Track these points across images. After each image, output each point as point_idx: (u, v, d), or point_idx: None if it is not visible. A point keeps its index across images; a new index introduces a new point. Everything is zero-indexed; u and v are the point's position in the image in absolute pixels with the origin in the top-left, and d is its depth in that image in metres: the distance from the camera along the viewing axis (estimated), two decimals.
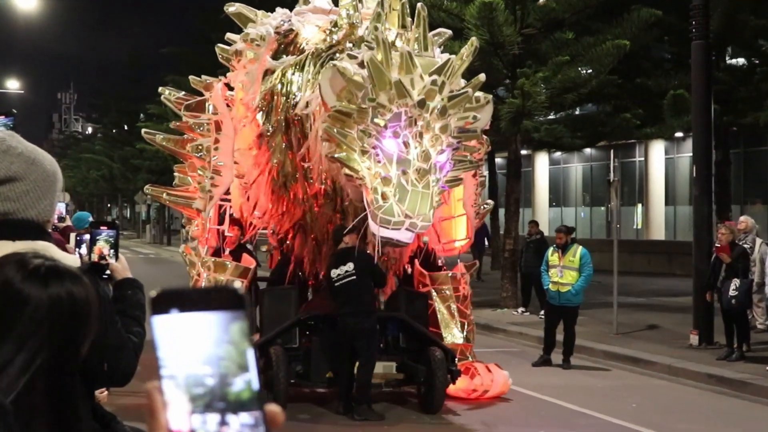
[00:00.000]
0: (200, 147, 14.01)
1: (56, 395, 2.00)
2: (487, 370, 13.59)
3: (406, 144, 11.20)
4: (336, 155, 11.50)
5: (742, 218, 19.00)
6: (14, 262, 2.04)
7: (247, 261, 13.95)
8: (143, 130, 16.87)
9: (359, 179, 11.35)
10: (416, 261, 14.21)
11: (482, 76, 12.38)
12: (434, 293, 13.94)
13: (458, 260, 14.51)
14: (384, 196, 11.07)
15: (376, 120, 11.24)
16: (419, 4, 12.20)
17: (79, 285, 2.07)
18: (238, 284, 1.25)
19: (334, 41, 13.12)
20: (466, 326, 14.01)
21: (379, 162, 11.20)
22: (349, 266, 12.38)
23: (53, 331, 1.98)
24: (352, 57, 11.76)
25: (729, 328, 16.38)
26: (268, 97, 13.56)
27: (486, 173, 27.38)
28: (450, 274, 14.13)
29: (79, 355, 2.04)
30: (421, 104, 11.27)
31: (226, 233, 14.11)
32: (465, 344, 13.92)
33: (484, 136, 13.18)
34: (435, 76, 11.40)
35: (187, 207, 14.75)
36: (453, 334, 13.84)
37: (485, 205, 15.52)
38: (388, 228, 11.02)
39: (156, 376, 1.25)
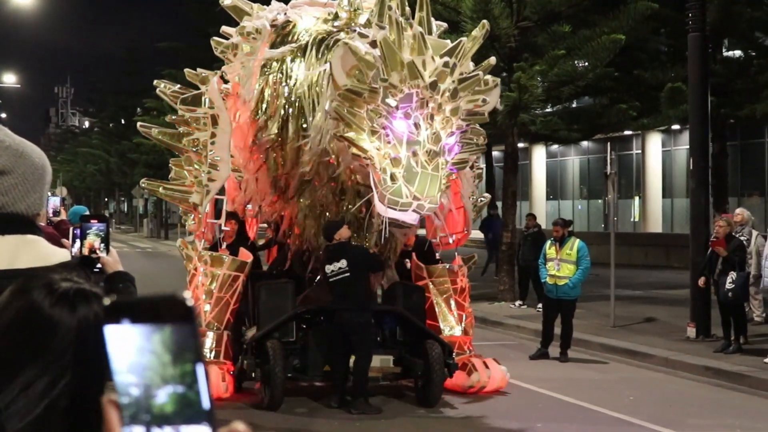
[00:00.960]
0: (196, 141, 13.96)
1: (79, 415, 1.98)
2: (485, 366, 13.58)
3: (416, 125, 11.14)
4: (345, 134, 11.43)
5: (738, 210, 18.99)
6: (42, 287, 2.02)
7: (244, 255, 13.93)
8: (139, 124, 16.83)
9: (367, 159, 11.29)
10: (413, 254, 14.21)
11: (492, 59, 12.45)
12: (431, 286, 13.94)
13: (456, 253, 14.50)
14: (393, 177, 11.01)
15: (387, 100, 11.17)
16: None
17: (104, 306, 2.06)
18: (188, 294, 1.19)
19: (336, 27, 13.05)
20: (464, 319, 14.00)
21: (389, 142, 11.13)
22: (343, 263, 12.40)
23: (79, 354, 1.97)
24: (363, 36, 11.72)
25: (726, 321, 16.37)
26: (266, 87, 13.50)
27: (483, 166, 27.39)
28: (447, 267, 14.13)
29: (104, 377, 2.04)
30: (433, 86, 11.21)
31: (223, 227, 14.09)
32: (463, 337, 13.92)
33: (482, 130, 13.13)
34: (447, 58, 11.36)
35: (184, 201, 14.72)
36: (451, 327, 13.84)
37: (482, 199, 15.49)
38: (395, 209, 10.99)
39: (110, 388, 1.22)
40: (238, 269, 13.49)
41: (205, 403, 1.18)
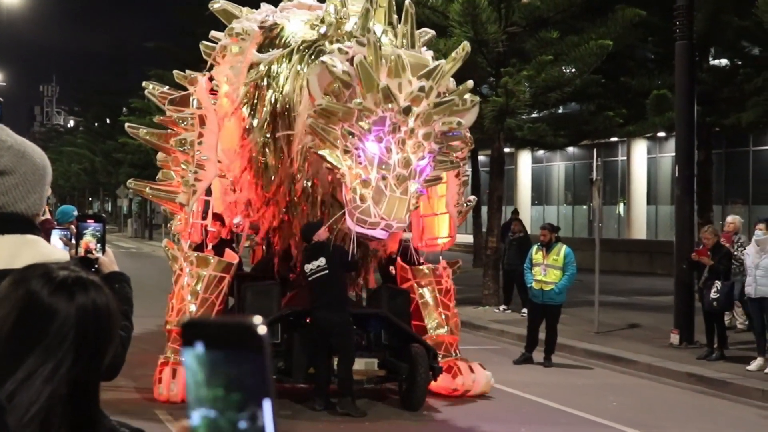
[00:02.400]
0: (184, 141, 13.96)
1: (78, 402, 2.00)
2: (470, 370, 13.63)
3: (388, 149, 11.32)
4: (319, 151, 11.64)
5: (729, 219, 19.00)
6: (40, 276, 2.04)
7: (230, 256, 13.93)
8: (126, 125, 16.81)
9: (339, 175, 11.52)
10: (398, 258, 14.24)
11: (470, 83, 12.38)
12: (416, 287, 13.98)
13: (440, 257, 14.53)
14: (362, 198, 11.22)
15: (360, 123, 11.31)
16: (407, 1, 12.21)
17: (102, 295, 2.09)
18: (258, 319, 1.18)
19: (321, 35, 13.08)
20: (449, 319, 14.04)
21: (360, 164, 11.32)
22: (321, 261, 12.48)
23: (78, 341, 1.99)
24: (342, 52, 11.75)
25: (709, 329, 16.45)
26: (252, 91, 13.53)
27: (469, 171, 27.40)
28: (431, 267, 14.19)
29: (103, 363, 2.06)
30: (407, 111, 11.34)
31: (209, 228, 14.08)
32: (450, 337, 13.96)
33: (468, 135, 13.18)
34: (423, 82, 11.43)
35: (170, 201, 14.71)
36: (435, 326, 13.88)
37: (468, 203, 15.53)
38: (363, 227, 11.21)
39: (186, 415, 1.22)
40: (224, 270, 13.49)
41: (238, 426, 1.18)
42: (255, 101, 13.52)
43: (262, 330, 1.19)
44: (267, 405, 1.19)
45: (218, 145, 13.46)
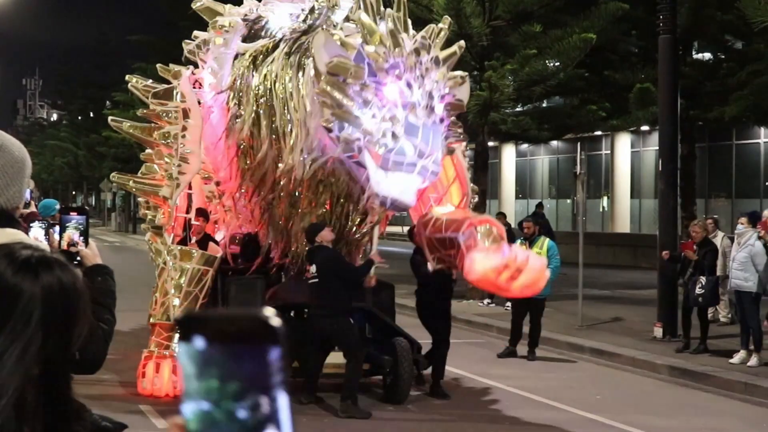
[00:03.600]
0: (167, 134, 13.89)
1: (51, 382, 1.99)
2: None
3: (409, 85, 11.06)
4: (335, 114, 11.15)
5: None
6: (3, 256, 2.02)
7: (213, 250, 13.90)
8: (110, 118, 16.75)
9: (360, 137, 11.02)
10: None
11: (462, 43, 12.38)
12: (438, 211, 12.99)
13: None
14: (394, 135, 10.89)
15: (375, 70, 11.05)
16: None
17: (68, 273, 2.07)
18: (270, 311, 1.14)
19: (310, 25, 12.99)
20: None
21: (383, 107, 10.99)
22: (313, 268, 12.37)
23: (46, 320, 1.98)
24: (330, 33, 11.66)
25: (686, 322, 16.53)
26: (236, 81, 13.42)
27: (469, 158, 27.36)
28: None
29: (72, 343, 2.04)
30: (417, 52, 11.20)
31: (192, 222, 14.05)
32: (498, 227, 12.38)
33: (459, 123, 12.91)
34: (422, 35, 11.49)
35: (154, 195, 14.65)
36: (475, 215, 12.62)
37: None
38: (401, 169, 10.84)
39: (179, 408, 1.19)
40: (207, 263, 13.45)
41: (250, 417, 1.17)
42: (240, 91, 13.40)
43: (276, 321, 1.17)
44: (284, 399, 1.18)
45: (201, 143, 13.37)
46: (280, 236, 13.87)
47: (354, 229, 13.16)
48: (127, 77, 15.81)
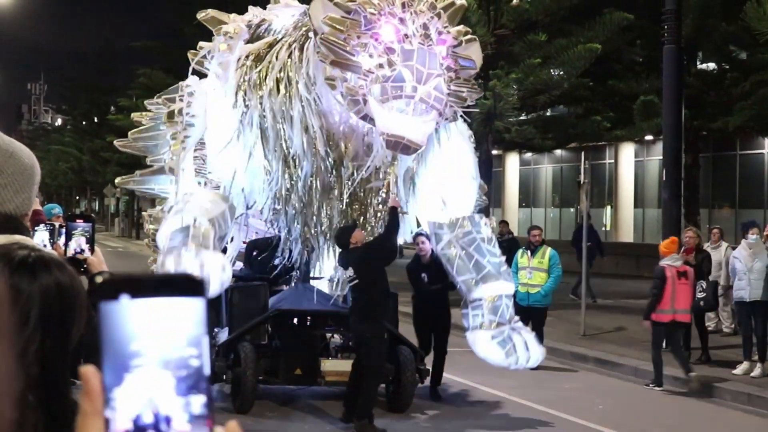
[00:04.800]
0: (173, 113, 13.82)
1: (50, 383, 2.00)
2: (525, 347, 12.43)
3: (402, 21, 10.88)
4: (334, 63, 10.99)
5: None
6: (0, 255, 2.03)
7: None
8: (116, 142, 16.63)
9: (363, 84, 10.81)
10: (425, 244, 13.73)
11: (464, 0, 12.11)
12: (455, 240, 12.80)
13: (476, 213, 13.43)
14: (390, 63, 10.67)
15: (368, 16, 10.89)
16: None
17: (65, 273, 2.08)
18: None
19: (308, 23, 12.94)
20: (498, 265, 12.91)
21: (380, 43, 10.81)
22: (350, 271, 12.06)
23: (44, 320, 1.98)
24: None
25: (687, 331, 16.52)
26: (241, 80, 13.33)
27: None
28: (467, 217, 12.97)
29: (71, 342, 2.05)
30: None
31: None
32: (506, 288, 12.81)
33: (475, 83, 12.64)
34: None
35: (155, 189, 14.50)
36: (487, 274, 12.60)
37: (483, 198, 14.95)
38: (401, 96, 10.55)
39: (96, 363, 1.22)
40: (222, 199, 12.93)
41: (207, 370, 1.20)
42: (245, 90, 13.31)
43: (198, 275, 1.21)
44: (205, 341, 1.19)
45: (206, 111, 13.31)
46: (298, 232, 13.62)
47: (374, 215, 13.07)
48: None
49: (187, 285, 1.20)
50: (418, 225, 13.81)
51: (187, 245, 11.86)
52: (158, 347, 1.18)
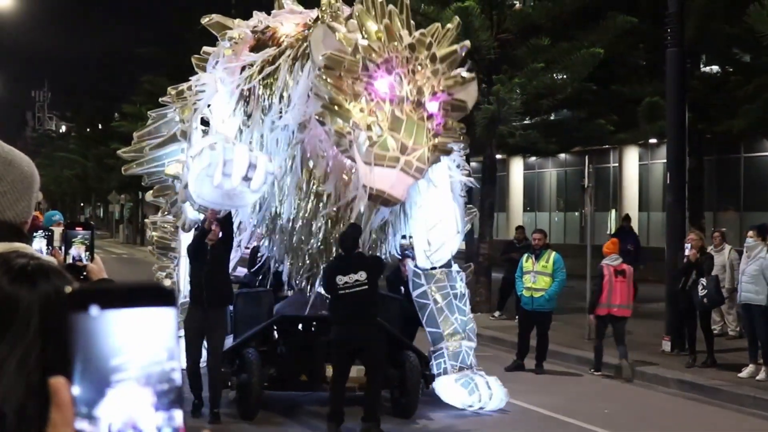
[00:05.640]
0: (182, 91, 13.93)
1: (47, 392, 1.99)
2: (487, 386, 13.20)
3: (399, 79, 11.03)
4: (325, 106, 11.15)
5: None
6: None
7: None
8: (119, 152, 16.57)
9: (350, 130, 11.01)
10: (408, 260, 13.93)
11: (467, 42, 12.23)
12: (430, 292, 13.57)
13: (452, 260, 14.07)
14: (379, 129, 10.86)
15: (367, 62, 11.05)
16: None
17: (64, 281, 2.07)
18: (167, 282, 1.16)
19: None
20: (465, 324, 13.63)
21: (372, 101, 10.98)
22: (362, 275, 11.84)
23: (43, 328, 1.97)
24: (333, 29, 11.61)
25: (691, 333, 16.52)
26: (245, 90, 13.38)
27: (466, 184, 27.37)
28: (445, 271, 13.73)
29: (70, 351, 2.04)
30: (412, 47, 11.14)
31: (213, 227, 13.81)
32: (467, 343, 13.57)
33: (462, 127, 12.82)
34: (423, 31, 11.42)
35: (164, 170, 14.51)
36: (454, 330, 13.47)
37: (471, 211, 15.20)
38: (383, 164, 10.76)
39: (67, 375, 1.20)
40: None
41: (176, 379, 1.18)
42: (248, 100, 13.37)
43: (167, 284, 1.20)
44: (177, 349, 1.18)
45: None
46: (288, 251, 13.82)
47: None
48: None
49: (157, 295, 1.19)
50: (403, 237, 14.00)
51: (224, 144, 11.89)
52: (139, 361, 1.16)
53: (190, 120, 13.48)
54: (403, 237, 13.92)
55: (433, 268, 13.74)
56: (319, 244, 13.44)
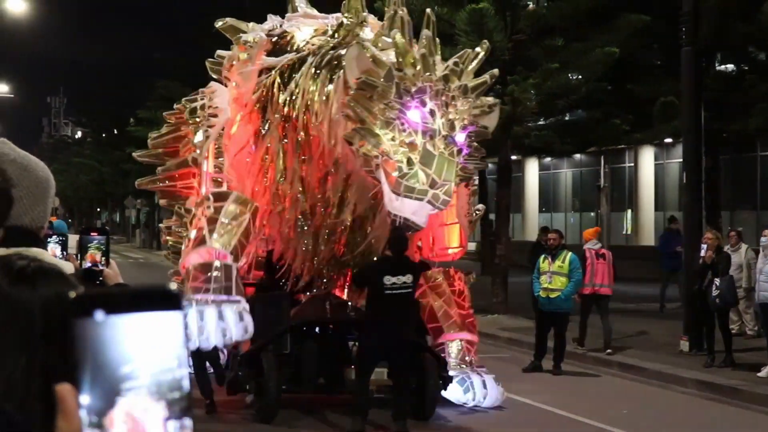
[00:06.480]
0: (194, 109, 13.84)
1: (51, 394, 1.99)
2: (483, 386, 13.37)
3: (432, 113, 11.23)
4: (356, 129, 11.33)
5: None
6: None
7: None
8: (135, 153, 16.58)
9: (378, 155, 11.20)
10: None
11: (495, 71, 12.60)
12: (429, 291, 13.73)
13: (451, 266, 14.39)
14: (410, 162, 11.06)
15: (401, 89, 11.22)
16: (428, 10, 12.25)
17: (66, 283, 2.06)
18: (174, 285, 1.14)
19: (338, 39, 12.97)
20: (465, 317, 13.80)
21: (404, 131, 11.16)
22: (408, 278, 11.94)
23: (45, 330, 1.97)
24: (364, 46, 11.73)
25: (710, 333, 16.47)
26: (263, 95, 13.35)
27: (476, 179, 27.38)
28: (442, 270, 13.94)
29: (75, 358, 2.03)
30: (446, 79, 11.35)
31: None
32: (469, 336, 13.74)
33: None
34: (455, 60, 11.65)
35: (183, 184, 14.50)
36: (454, 328, 13.64)
37: (477, 212, 15.41)
38: (411, 197, 10.96)
39: (73, 382, 1.17)
40: (242, 204, 12.98)
41: (186, 387, 1.16)
42: (266, 106, 13.35)
43: (174, 287, 1.17)
44: (185, 355, 1.17)
45: (227, 104, 13.42)
46: (303, 255, 13.83)
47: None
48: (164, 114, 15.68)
49: (163, 298, 1.17)
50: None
51: (210, 289, 12.05)
52: (149, 369, 1.14)
53: (201, 148, 13.45)
54: None
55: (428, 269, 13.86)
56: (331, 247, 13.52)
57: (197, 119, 13.73)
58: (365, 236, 13.26)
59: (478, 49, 12.37)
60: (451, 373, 13.20)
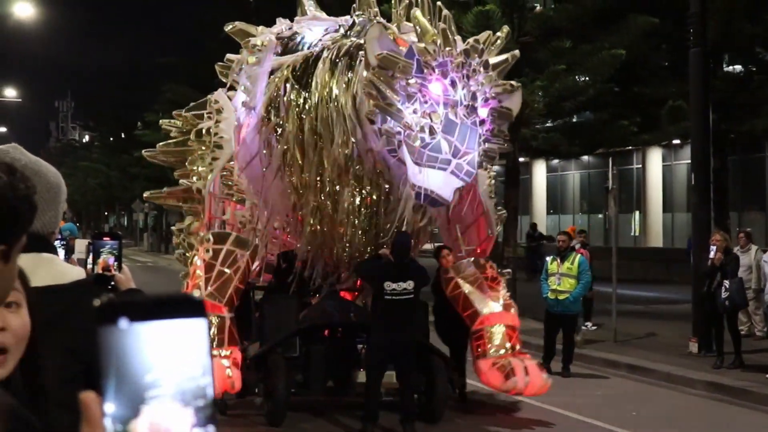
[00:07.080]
0: (201, 132, 13.78)
1: (75, 404, 2.01)
2: (525, 371, 12.89)
3: (453, 84, 11.19)
4: (377, 104, 11.27)
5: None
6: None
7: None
8: (144, 151, 16.56)
9: (401, 130, 11.13)
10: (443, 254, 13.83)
11: (516, 52, 12.52)
12: (461, 281, 13.45)
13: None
14: (432, 131, 11.00)
15: (423, 66, 11.19)
16: (439, 3, 12.21)
17: (95, 293, 2.08)
18: (197, 293, 1.14)
19: (352, 35, 12.93)
20: (501, 299, 13.46)
21: (426, 102, 11.12)
22: (410, 284, 11.92)
23: (70, 341, 1.98)
24: (385, 27, 11.77)
25: (719, 334, 16.44)
26: (276, 94, 13.23)
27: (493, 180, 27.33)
28: (471, 260, 13.61)
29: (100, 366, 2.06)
30: (467, 53, 11.32)
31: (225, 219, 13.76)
32: (510, 323, 13.35)
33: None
34: (476, 38, 11.66)
35: (190, 200, 14.45)
36: (490, 306, 13.29)
37: (499, 210, 15.07)
38: (434, 166, 10.92)
39: (98, 389, 1.18)
40: (240, 245, 13.05)
41: (210, 394, 1.16)
42: (278, 106, 13.23)
43: (197, 294, 1.17)
44: (209, 362, 1.16)
45: (234, 134, 13.32)
46: (321, 252, 13.68)
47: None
48: (161, 122, 15.67)
49: (187, 306, 1.17)
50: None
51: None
52: (174, 377, 1.14)
53: (206, 180, 13.36)
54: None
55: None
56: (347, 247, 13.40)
57: (203, 143, 13.63)
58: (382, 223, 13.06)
59: (499, 33, 12.27)
60: (491, 360, 12.87)
